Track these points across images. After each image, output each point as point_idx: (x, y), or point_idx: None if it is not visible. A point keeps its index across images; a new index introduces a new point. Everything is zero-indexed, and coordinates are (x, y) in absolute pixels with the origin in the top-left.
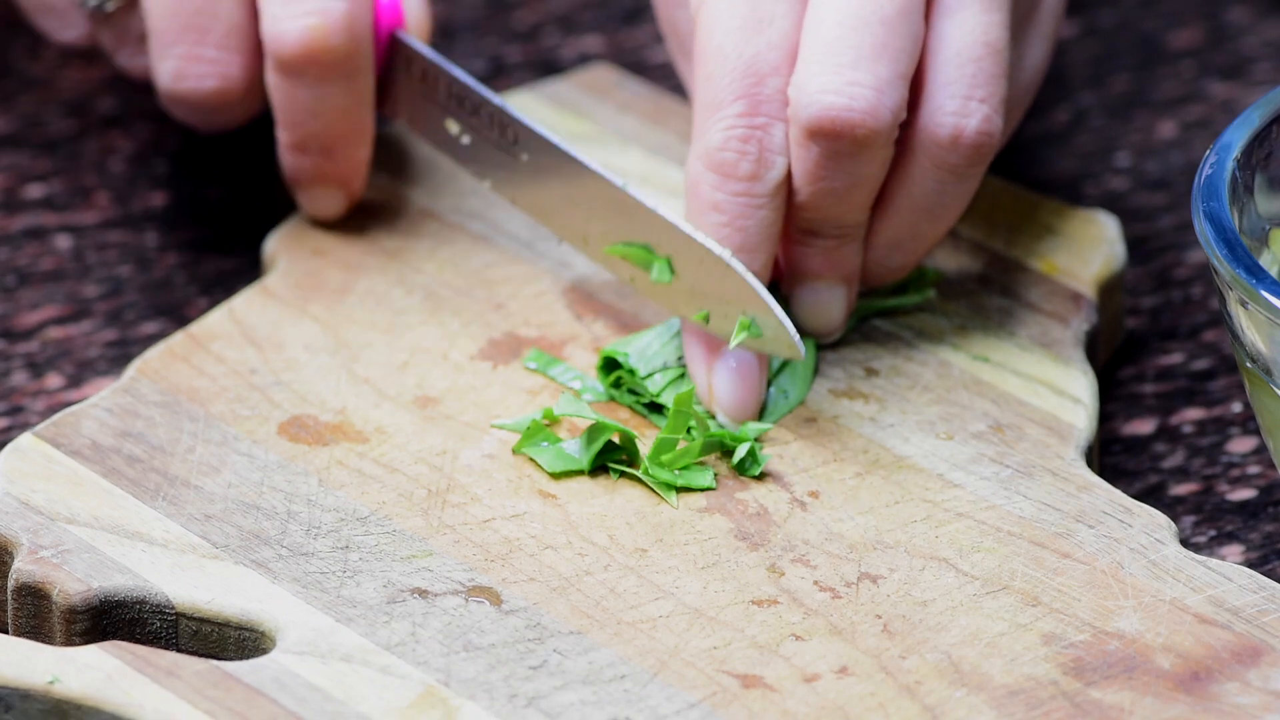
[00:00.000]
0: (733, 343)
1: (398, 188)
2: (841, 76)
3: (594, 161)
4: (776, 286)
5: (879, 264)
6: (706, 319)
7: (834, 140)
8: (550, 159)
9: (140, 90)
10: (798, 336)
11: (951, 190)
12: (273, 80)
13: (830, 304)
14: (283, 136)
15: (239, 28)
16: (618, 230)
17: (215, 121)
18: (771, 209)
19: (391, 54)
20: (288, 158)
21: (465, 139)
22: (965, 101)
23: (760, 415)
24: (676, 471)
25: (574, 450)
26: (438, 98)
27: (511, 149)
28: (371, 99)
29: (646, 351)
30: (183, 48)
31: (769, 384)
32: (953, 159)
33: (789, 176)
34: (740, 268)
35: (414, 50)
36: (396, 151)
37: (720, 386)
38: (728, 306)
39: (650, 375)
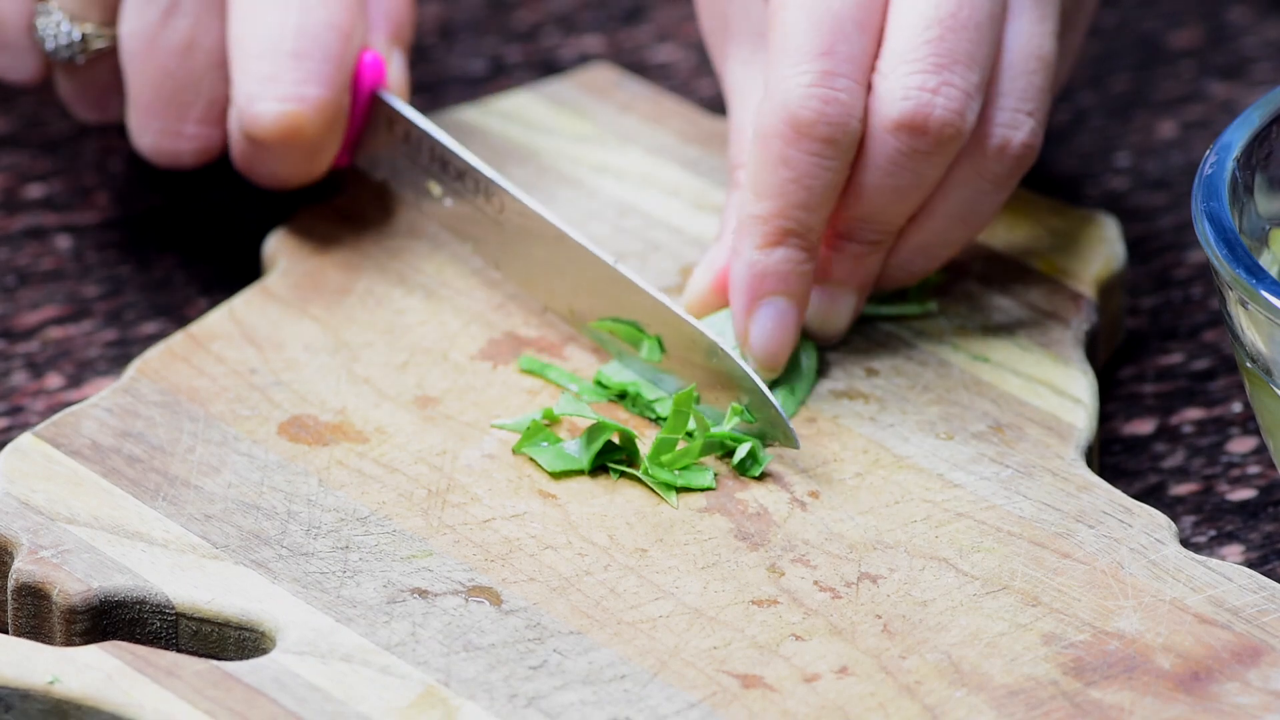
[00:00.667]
0: (725, 425)
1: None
2: (940, 76)
3: (581, 234)
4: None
5: (901, 267)
6: (697, 398)
7: (921, 137)
8: (536, 227)
9: None
10: (793, 427)
11: (988, 199)
12: (236, 138)
13: (841, 311)
14: (237, 165)
15: (219, 101)
16: (605, 305)
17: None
18: (840, 171)
19: (373, 112)
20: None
21: (448, 201)
22: (1015, 114)
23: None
24: (676, 472)
25: (574, 450)
26: (420, 160)
27: (497, 215)
28: (330, 160)
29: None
30: (163, 122)
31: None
32: (996, 168)
33: (860, 139)
34: (735, 356)
35: (396, 111)
36: None
37: (756, 332)
38: (717, 392)
39: (658, 399)
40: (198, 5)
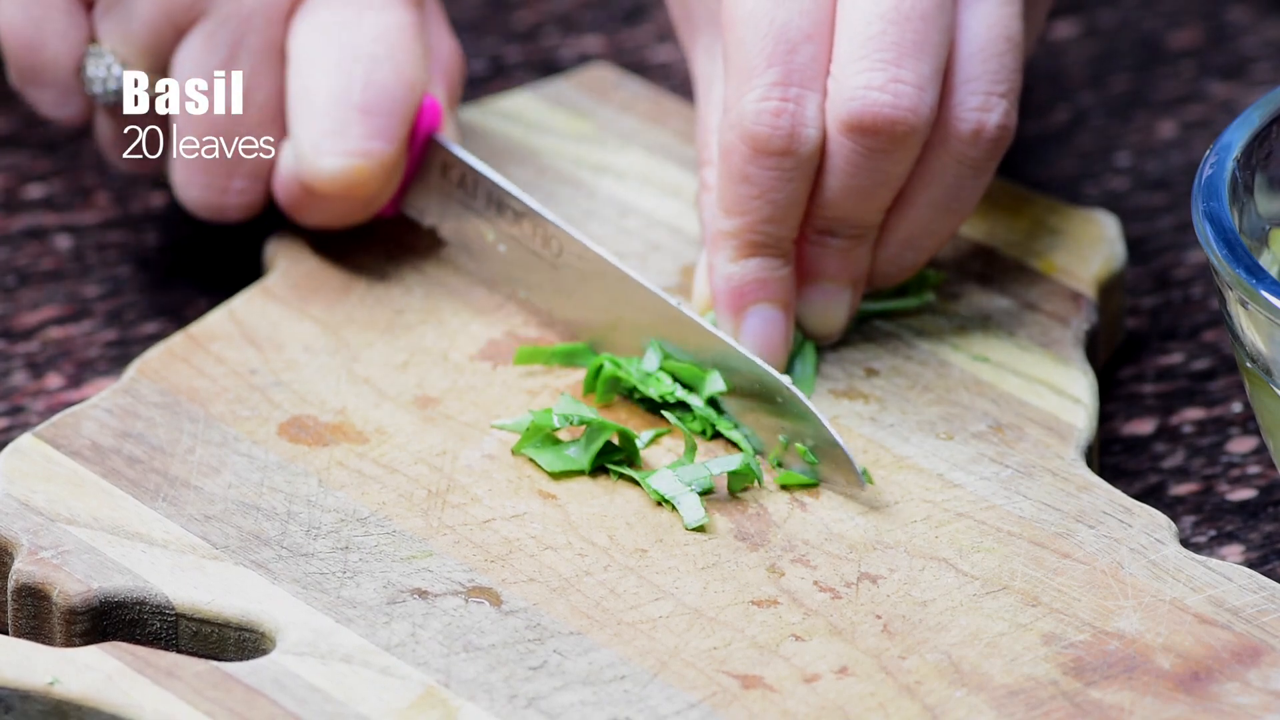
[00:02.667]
0: (782, 471)
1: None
2: (885, 73)
3: (641, 275)
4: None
5: (891, 262)
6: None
7: (873, 136)
8: (595, 269)
9: None
10: (860, 470)
11: (968, 185)
12: (288, 184)
13: (837, 307)
14: (283, 206)
15: (269, 158)
16: (669, 343)
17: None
18: (802, 179)
19: (427, 155)
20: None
21: (501, 247)
22: (987, 97)
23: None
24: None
25: (574, 451)
26: (475, 204)
27: (554, 259)
28: (380, 207)
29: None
30: (210, 178)
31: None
32: (973, 153)
33: (820, 146)
34: (802, 397)
35: (453, 155)
36: None
37: (746, 343)
38: (780, 429)
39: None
40: (255, 60)
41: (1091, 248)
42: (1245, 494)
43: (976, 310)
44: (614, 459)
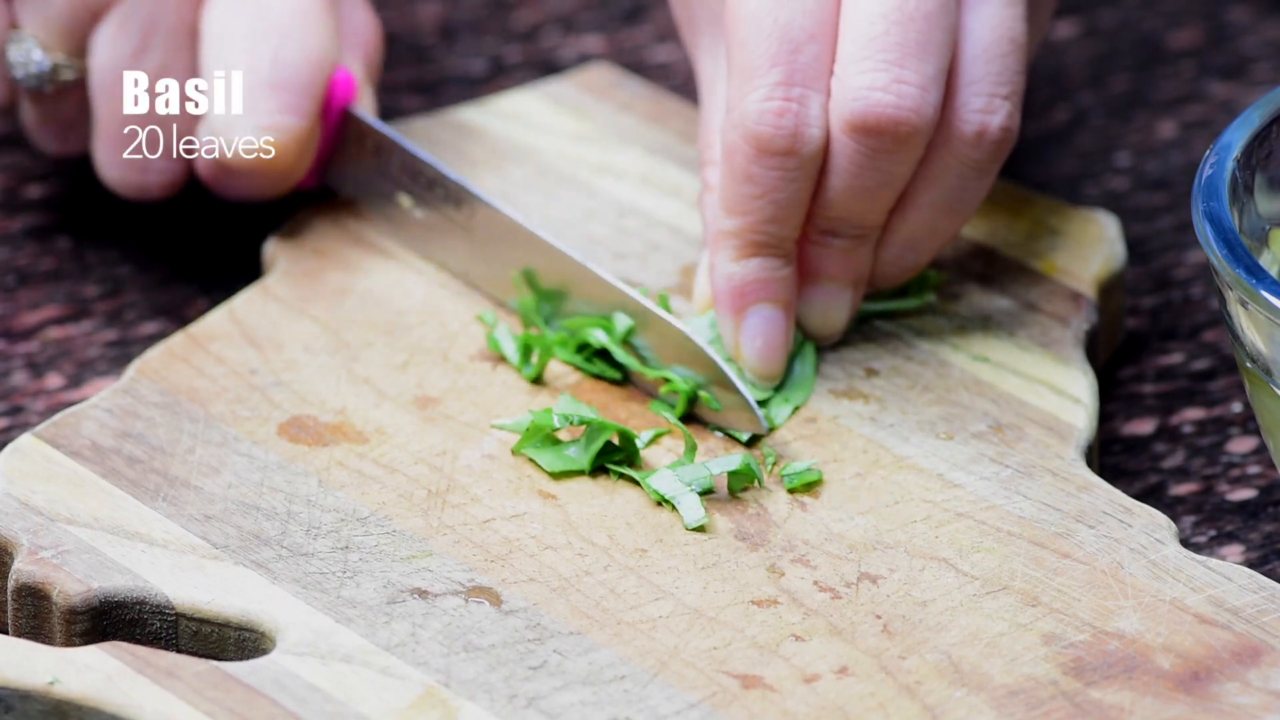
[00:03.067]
0: (678, 412)
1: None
2: (889, 73)
3: (552, 235)
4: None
5: (892, 263)
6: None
7: (876, 137)
8: (508, 232)
9: None
10: (761, 412)
11: (971, 186)
12: (207, 166)
13: (837, 307)
14: (204, 180)
15: (188, 135)
16: (579, 304)
17: None
18: (805, 179)
19: (343, 128)
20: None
21: (418, 213)
22: (990, 99)
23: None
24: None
25: (574, 451)
26: (390, 172)
27: (468, 223)
28: (298, 180)
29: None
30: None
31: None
32: (976, 155)
33: (823, 146)
34: (704, 346)
35: (367, 125)
36: None
37: (747, 344)
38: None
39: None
40: (168, 40)
41: (1091, 248)
42: (1245, 494)
43: (976, 310)
44: (614, 459)
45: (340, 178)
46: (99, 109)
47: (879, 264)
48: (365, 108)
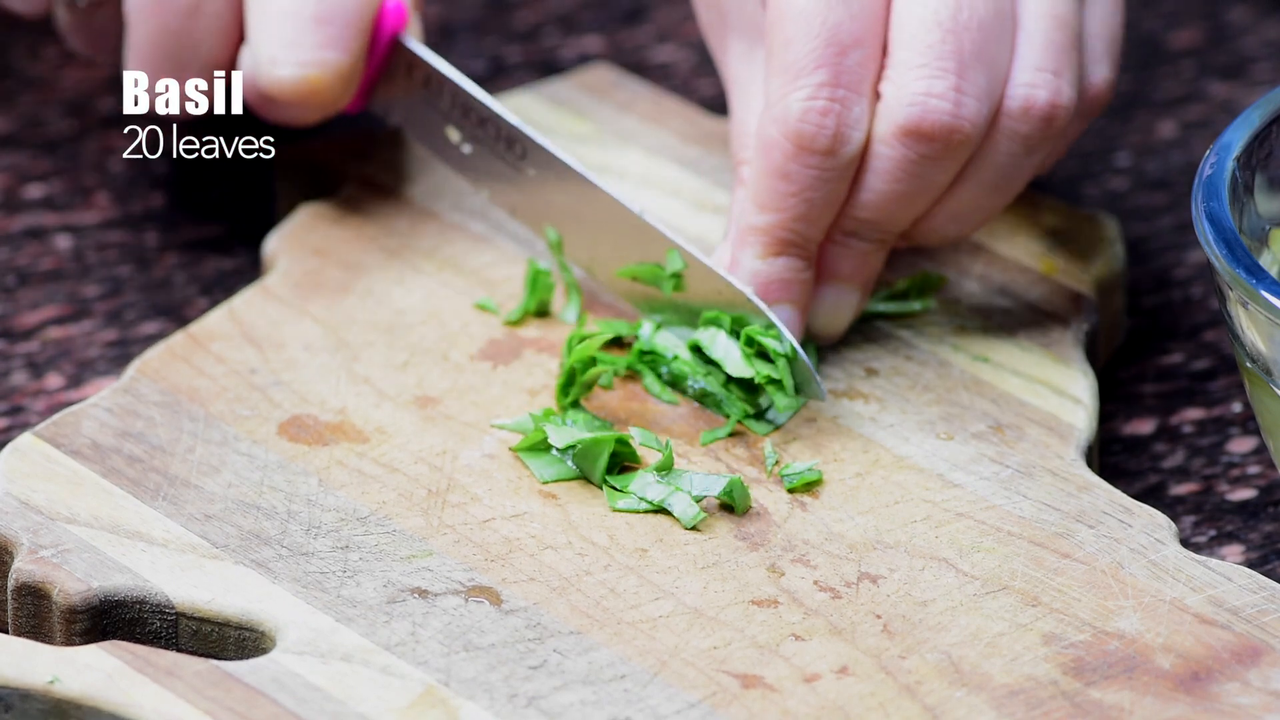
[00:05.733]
0: (742, 366)
1: (398, 187)
2: (946, 81)
3: (606, 181)
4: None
5: (934, 231)
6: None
7: (929, 143)
8: (557, 175)
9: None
10: (820, 380)
11: (1020, 163)
12: (249, 93)
13: (845, 308)
14: (249, 105)
15: (216, 64)
16: (628, 254)
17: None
18: (840, 182)
19: (392, 56)
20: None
21: (466, 148)
22: (1036, 73)
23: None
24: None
25: (568, 460)
26: (440, 105)
27: (517, 163)
28: (343, 108)
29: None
30: (158, 78)
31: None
32: (1024, 129)
33: (861, 151)
34: (756, 299)
35: (417, 56)
36: (396, 151)
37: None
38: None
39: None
40: None
41: (1091, 248)
42: (1245, 494)
43: (976, 310)
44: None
45: (387, 106)
46: (131, 28)
47: (922, 229)
48: (414, 36)
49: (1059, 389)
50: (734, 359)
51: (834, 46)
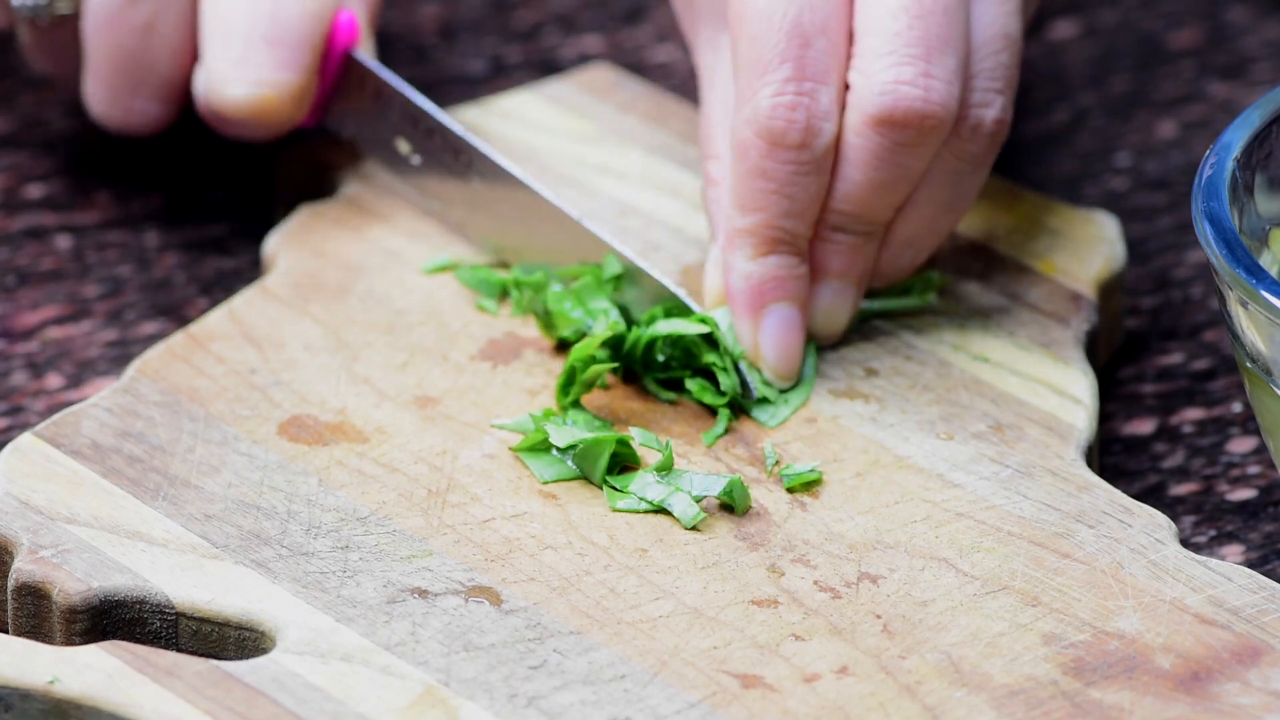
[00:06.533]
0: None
1: (398, 188)
2: (915, 67)
3: (549, 189)
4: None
5: (891, 262)
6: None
7: (902, 130)
8: (504, 185)
9: None
10: (751, 379)
11: (967, 181)
12: (204, 111)
13: (842, 305)
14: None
15: (173, 82)
16: (572, 257)
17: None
18: (818, 174)
19: (345, 71)
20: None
21: (415, 159)
22: (985, 93)
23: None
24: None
25: (568, 460)
26: (390, 117)
27: (464, 173)
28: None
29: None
30: (115, 95)
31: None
32: (972, 148)
33: (835, 141)
34: (690, 302)
35: (368, 69)
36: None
37: (767, 344)
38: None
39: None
40: None
41: (1091, 248)
42: (1245, 494)
43: (976, 310)
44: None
45: (341, 120)
46: (89, 46)
47: (881, 263)
48: (367, 50)
49: (1059, 389)
50: (675, 325)
51: (797, 38)
